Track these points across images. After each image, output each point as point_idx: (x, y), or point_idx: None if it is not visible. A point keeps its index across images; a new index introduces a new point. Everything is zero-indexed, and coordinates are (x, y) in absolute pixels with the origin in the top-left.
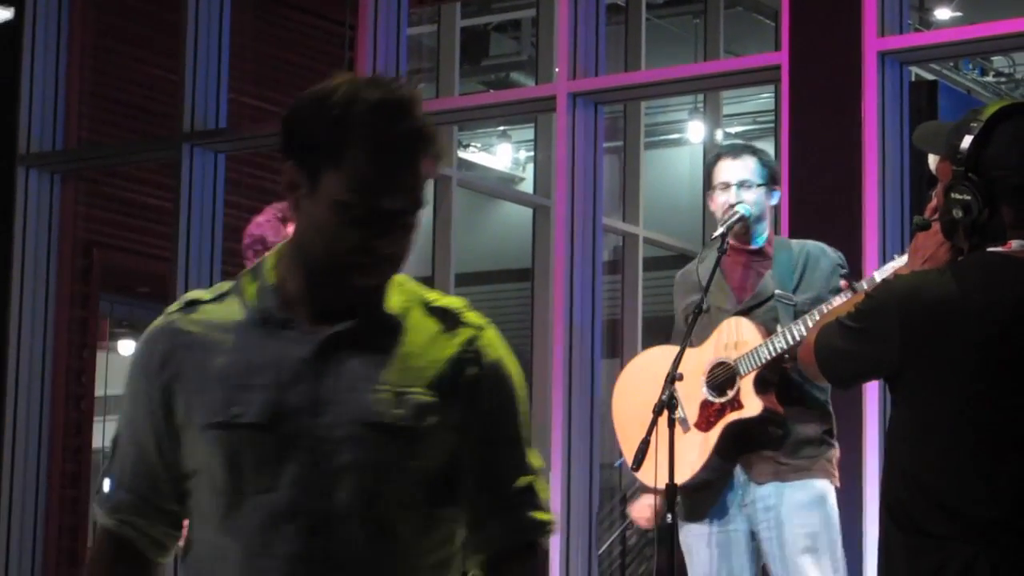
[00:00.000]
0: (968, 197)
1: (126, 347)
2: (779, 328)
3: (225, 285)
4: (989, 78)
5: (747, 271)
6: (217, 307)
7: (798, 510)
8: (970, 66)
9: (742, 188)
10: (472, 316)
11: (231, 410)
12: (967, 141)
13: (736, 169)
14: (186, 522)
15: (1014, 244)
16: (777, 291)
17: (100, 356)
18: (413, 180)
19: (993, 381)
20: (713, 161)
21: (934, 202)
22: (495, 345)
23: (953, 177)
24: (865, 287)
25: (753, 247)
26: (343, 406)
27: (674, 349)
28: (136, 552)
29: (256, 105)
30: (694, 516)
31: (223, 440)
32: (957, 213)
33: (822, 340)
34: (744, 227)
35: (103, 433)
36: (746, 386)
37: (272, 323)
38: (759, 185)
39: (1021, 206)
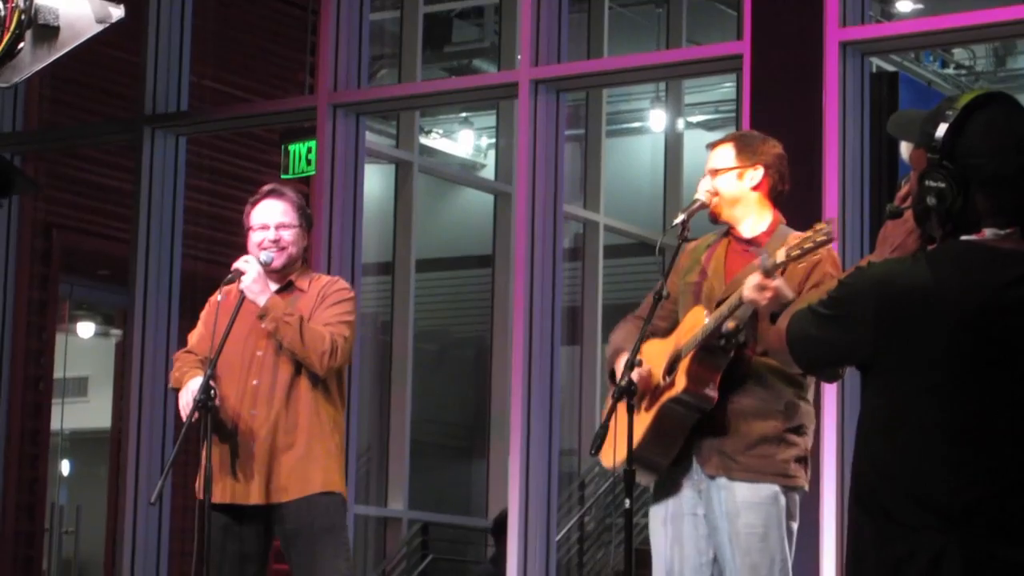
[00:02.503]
0: (942, 185)
1: (85, 329)
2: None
3: None
4: (950, 70)
5: (743, 261)
6: None
7: (744, 510)
8: (931, 58)
9: (713, 176)
10: None
11: None
12: (942, 129)
13: (711, 159)
14: None
15: (987, 233)
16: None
17: (59, 338)
18: None
19: (965, 369)
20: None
21: (905, 189)
22: None
23: (928, 165)
24: (767, 261)
25: (748, 236)
26: None
27: (667, 340)
28: None
29: (217, 88)
30: (656, 498)
31: None
32: (931, 201)
33: (794, 327)
34: (711, 214)
35: (61, 415)
36: (682, 366)
37: None
38: (725, 170)
39: (995, 194)
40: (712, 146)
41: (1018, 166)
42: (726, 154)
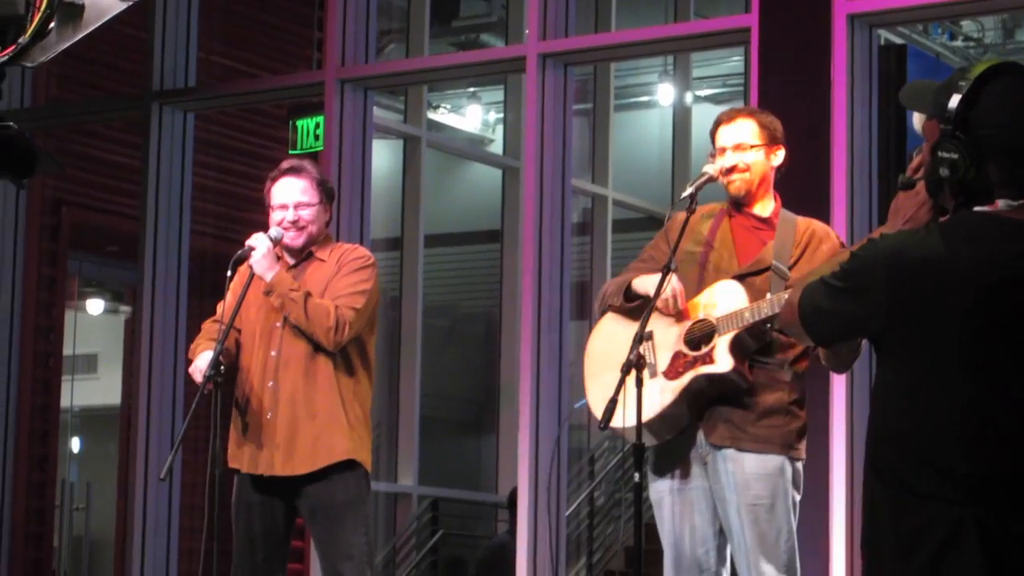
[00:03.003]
0: (955, 155)
1: (95, 306)
2: (768, 296)
3: None
4: (958, 43)
5: (752, 238)
6: None
7: (752, 481)
8: (939, 30)
9: (738, 151)
10: None
11: None
12: (955, 100)
13: (730, 133)
14: None
15: (1000, 204)
16: (775, 262)
17: (68, 315)
18: None
19: (980, 341)
20: (713, 127)
21: (917, 161)
22: None
23: (940, 135)
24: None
25: (761, 215)
26: None
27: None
28: None
29: (225, 64)
30: (659, 471)
31: None
32: (944, 171)
33: (806, 300)
34: (734, 191)
35: (71, 392)
36: (722, 344)
37: None
38: (754, 146)
39: (1008, 165)
40: (728, 119)
41: None
42: (750, 129)
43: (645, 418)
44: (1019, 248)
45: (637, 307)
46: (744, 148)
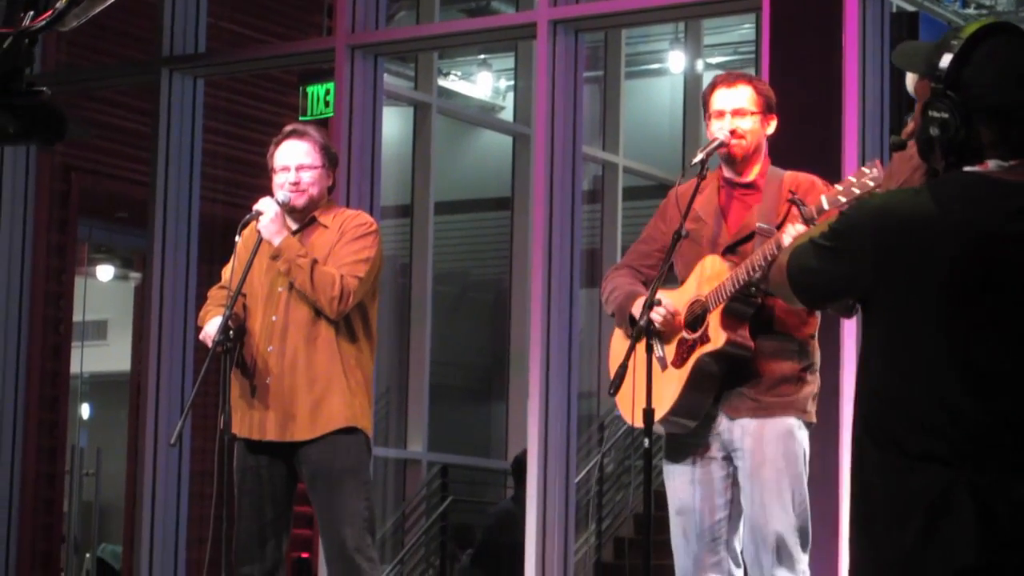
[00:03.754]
0: (946, 115)
1: (104, 272)
2: (746, 260)
3: None
4: (970, 10)
5: (739, 206)
6: None
7: (763, 444)
8: None
9: (736, 116)
10: None
11: None
12: (946, 59)
13: (730, 97)
14: None
15: (990, 164)
16: (759, 224)
17: (78, 281)
18: None
19: (968, 301)
20: (709, 89)
21: (912, 125)
22: None
23: (931, 94)
24: (813, 211)
25: (745, 180)
26: None
27: (678, 292)
28: None
29: (235, 30)
30: (676, 458)
31: None
32: (934, 131)
33: (794, 261)
34: (732, 155)
35: (81, 358)
36: (713, 320)
37: None
38: (753, 113)
39: (998, 125)
40: (728, 83)
41: (1021, 96)
42: (749, 95)
43: (663, 412)
44: (1009, 207)
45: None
46: (744, 114)
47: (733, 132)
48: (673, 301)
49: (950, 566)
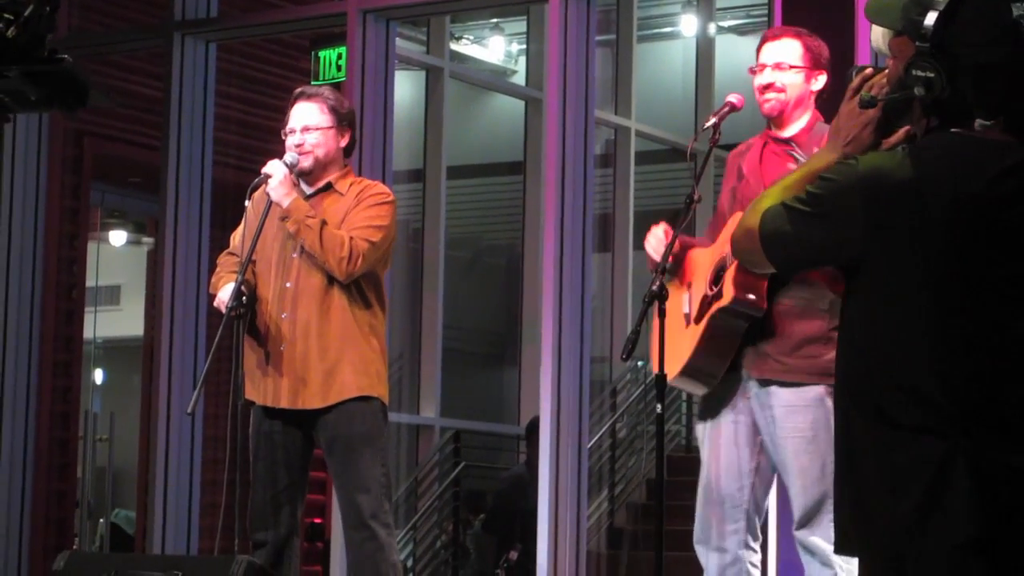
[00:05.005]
0: (931, 74)
1: (117, 237)
2: None
3: None
4: None
5: (778, 161)
6: None
7: (791, 413)
8: None
9: (776, 70)
10: None
11: None
12: (931, 17)
13: (773, 51)
14: None
15: (976, 123)
16: None
17: (91, 247)
18: None
19: (961, 264)
20: (760, 43)
21: (879, 77)
22: None
23: (916, 53)
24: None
25: (784, 135)
26: None
27: (710, 250)
28: None
29: None
30: (705, 415)
31: None
32: (919, 90)
33: (768, 225)
34: (766, 114)
35: (94, 323)
36: (728, 276)
37: None
38: (794, 67)
39: (983, 84)
40: (774, 36)
41: (1006, 55)
42: (793, 49)
43: (677, 369)
44: (999, 166)
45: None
46: (783, 68)
47: (770, 86)
48: (702, 261)
49: (951, 540)
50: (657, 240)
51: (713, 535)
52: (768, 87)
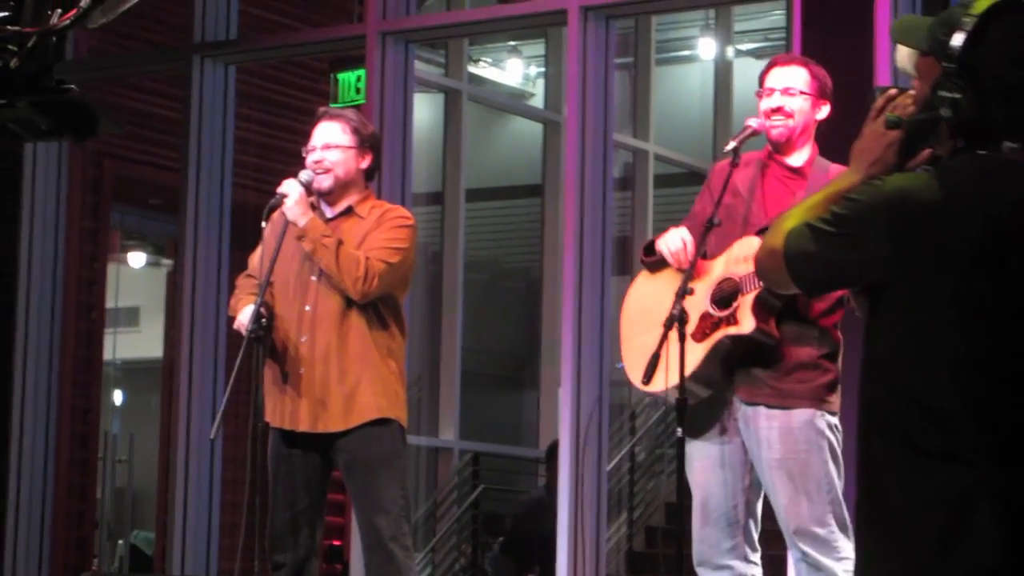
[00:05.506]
0: (958, 95)
1: (137, 259)
2: None
3: None
4: None
5: (783, 189)
6: None
7: (780, 437)
8: None
9: (785, 95)
10: None
11: None
12: (959, 38)
13: (782, 76)
14: None
15: (1004, 146)
16: None
17: (111, 268)
18: None
19: (992, 287)
20: (766, 68)
21: (904, 99)
22: None
23: (943, 74)
24: None
25: (793, 165)
26: None
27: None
28: None
29: (266, 16)
30: (693, 431)
31: None
32: (945, 111)
33: (792, 246)
34: (773, 140)
35: (114, 345)
36: (745, 304)
37: None
38: (803, 94)
39: (1012, 106)
40: (783, 62)
41: None
42: (803, 77)
43: (674, 380)
44: None
45: (663, 265)
46: (792, 93)
47: (779, 110)
48: (701, 269)
49: (972, 568)
50: (676, 245)
51: (714, 555)
52: (777, 111)
